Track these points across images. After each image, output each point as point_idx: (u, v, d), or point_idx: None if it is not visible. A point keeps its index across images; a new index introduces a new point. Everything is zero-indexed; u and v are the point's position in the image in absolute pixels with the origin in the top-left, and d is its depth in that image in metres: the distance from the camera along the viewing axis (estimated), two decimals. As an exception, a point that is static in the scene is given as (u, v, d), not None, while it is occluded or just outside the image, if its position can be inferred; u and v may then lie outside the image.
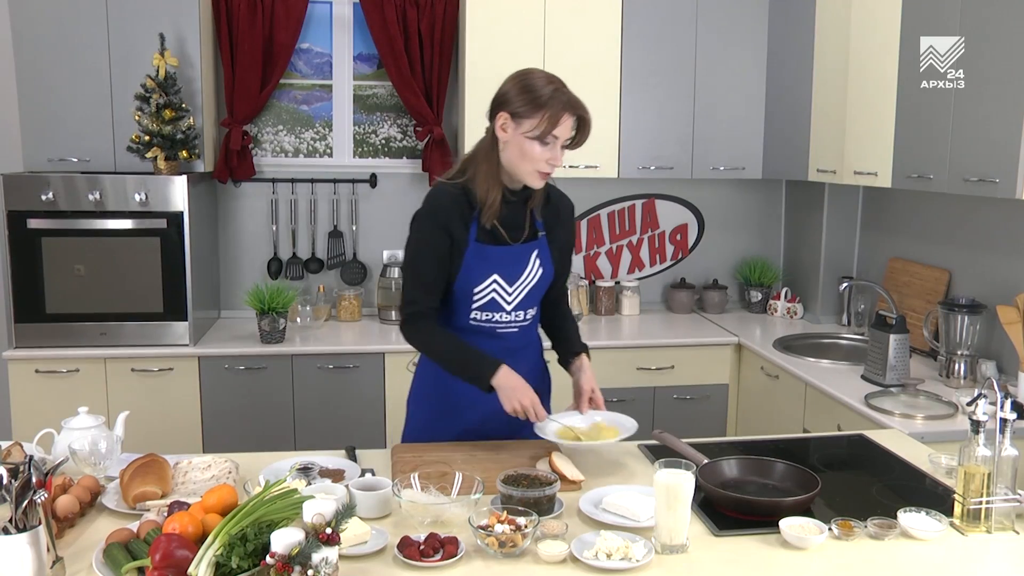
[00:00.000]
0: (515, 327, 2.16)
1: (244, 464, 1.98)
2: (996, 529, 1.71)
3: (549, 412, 2.21)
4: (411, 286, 2.11)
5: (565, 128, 2.00)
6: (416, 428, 2.26)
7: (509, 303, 2.12)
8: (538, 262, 2.14)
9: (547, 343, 2.35)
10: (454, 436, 2.18)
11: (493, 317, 2.12)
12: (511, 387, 2.02)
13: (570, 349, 2.28)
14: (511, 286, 2.11)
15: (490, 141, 2.06)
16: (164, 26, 3.44)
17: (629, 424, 2.10)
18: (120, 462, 1.94)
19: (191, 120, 3.48)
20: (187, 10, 3.48)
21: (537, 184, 2.06)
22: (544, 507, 1.73)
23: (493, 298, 2.10)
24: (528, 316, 2.18)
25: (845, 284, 3.73)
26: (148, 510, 1.69)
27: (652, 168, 3.91)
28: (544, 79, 2.03)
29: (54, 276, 3.36)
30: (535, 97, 1.98)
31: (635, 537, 1.60)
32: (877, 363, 2.98)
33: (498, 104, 2.04)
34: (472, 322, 2.13)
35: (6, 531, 1.39)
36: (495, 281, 2.09)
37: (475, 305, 2.10)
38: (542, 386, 2.31)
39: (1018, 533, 1.71)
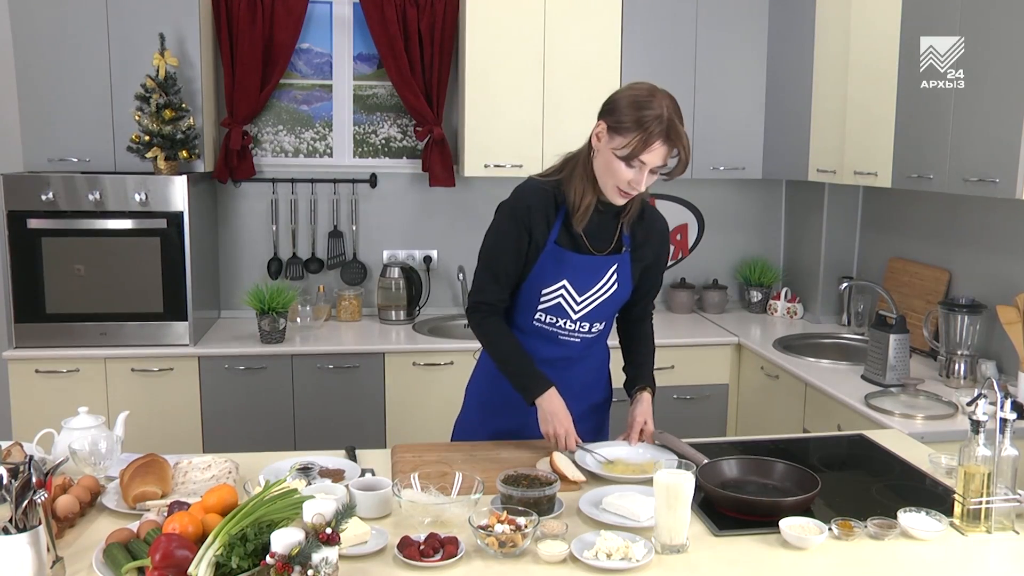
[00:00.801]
0: (577, 337, 2.13)
1: (244, 464, 1.98)
2: (996, 529, 1.70)
3: (607, 433, 2.27)
4: (483, 276, 2.10)
5: (656, 156, 1.90)
6: (469, 418, 2.28)
7: (576, 311, 2.09)
8: (615, 277, 2.10)
9: (620, 362, 2.31)
10: (506, 430, 2.19)
11: (557, 322, 2.11)
12: (551, 411, 2.03)
13: (636, 382, 2.25)
14: (580, 295, 2.08)
15: (588, 145, 2.02)
16: (164, 26, 3.44)
17: (669, 460, 2.00)
18: (120, 462, 1.94)
19: (191, 120, 3.48)
20: (187, 10, 3.48)
21: (616, 200, 2.00)
22: (544, 507, 1.73)
23: (559, 303, 2.08)
24: (594, 329, 2.14)
25: (845, 284, 3.73)
26: (148, 510, 1.69)
27: (652, 168, 3.91)
28: (655, 100, 1.90)
29: (54, 276, 3.36)
30: (636, 117, 1.88)
31: (635, 537, 1.60)
32: (877, 363, 2.98)
33: (603, 110, 1.97)
34: (535, 323, 2.11)
35: (6, 531, 1.39)
36: (564, 287, 2.07)
37: (541, 307, 2.09)
38: (600, 399, 2.30)
39: (1018, 533, 1.71)
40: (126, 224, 3.38)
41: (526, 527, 1.59)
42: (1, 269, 3.38)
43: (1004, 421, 1.68)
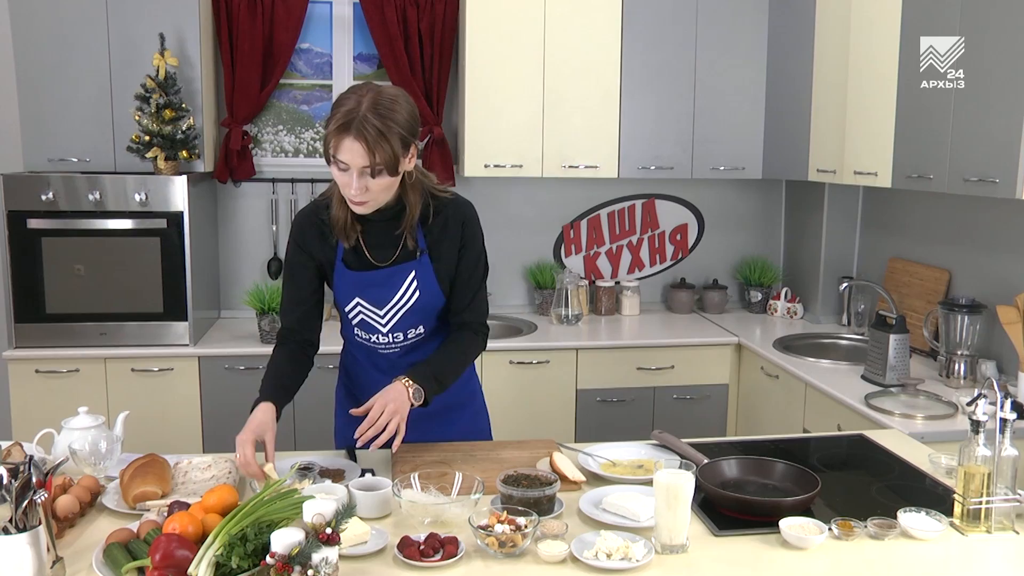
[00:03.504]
0: (396, 347, 2.08)
1: (244, 464, 1.98)
2: (996, 529, 1.70)
3: (488, 429, 2.23)
4: (282, 302, 2.13)
5: (349, 153, 1.75)
6: (338, 431, 2.30)
7: (383, 324, 2.04)
8: (415, 284, 1.99)
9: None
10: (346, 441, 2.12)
11: (371, 338, 2.08)
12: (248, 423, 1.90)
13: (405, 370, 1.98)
14: (381, 309, 2.02)
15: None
16: (164, 26, 3.44)
17: (669, 460, 1.97)
18: (120, 462, 1.94)
19: (191, 120, 3.48)
20: (187, 10, 3.48)
21: (358, 211, 1.87)
22: (544, 507, 1.73)
23: (363, 319, 2.04)
24: (411, 336, 2.05)
25: (845, 284, 3.73)
26: (148, 510, 1.69)
27: (652, 168, 3.91)
28: (352, 95, 1.77)
29: (54, 276, 3.36)
30: (331, 115, 1.76)
31: (635, 537, 1.60)
32: (877, 363, 2.98)
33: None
34: (357, 338, 2.13)
35: (6, 531, 1.39)
36: (359, 304, 2.02)
37: (353, 323, 2.08)
38: (456, 400, 2.16)
39: (1018, 533, 1.71)
40: (126, 224, 3.38)
41: (526, 527, 1.59)
42: (1, 269, 3.38)
43: (1004, 421, 1.68)
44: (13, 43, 3.42)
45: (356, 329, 2.10)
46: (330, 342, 3.72)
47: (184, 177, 3.40)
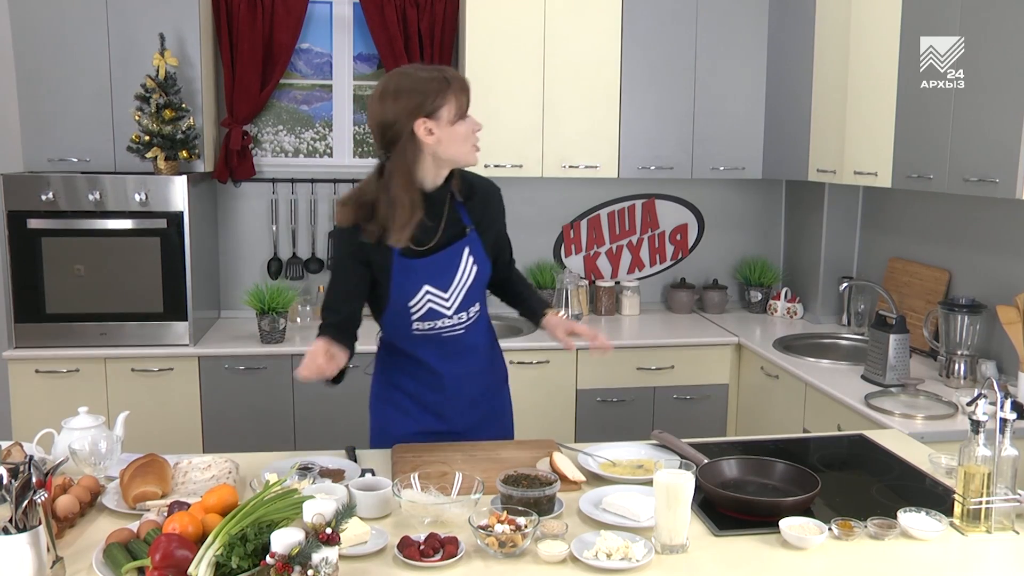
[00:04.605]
0: (461, 328, 2.13)
1: (244, 464, 1.98)
2: (996, 529, 1.70)
3: (509, 403, 2.32)
4: (329, 290, 2.13)
5: (470, 104, 2.01)
6: (378, 430, 2.28)
7: (449, 308, 2.08)
8: (472, 259, 2.09)
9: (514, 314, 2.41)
10: (412, 435, 2.18)
11: (435, 324, 2.10)
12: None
13: (537, 310, 2.31)
14: (446, 291, 2.07)
15: (406, 156, 1.94)
16: (164, 26, 3.44)
17: (669, 460, 2.00)
18: (120, 462, 1.94)
19: (191, 120, 3.48)
20: (187, 10, 3.48)
21: (474, 160, 2.02)
22: (544, 507, 1.73)
23: (431, 307, 2.07)
24: (472, 313, 2.14)
25: (845, 284, 3.73)
26: (148, 510, 1.69)
27: (652, 168, 3.91)
28: (423, 70, 1.96)
29: (54, 276, 3.36)
30: (437, 86, 1.92)
31: (635, 537, 1.60)
32: (877, 363, 2.98)
33: (407, 111, 1.91)
34: (416, 332, 2.11)
35: (6, 531, 1.39)
36: (428, 291, 2.05)
37: (414, 317, 2.08)
38: (493, 378, 2.30)
39: (1018, 533, 1.71)
40: (126, 224, 3.38)
41: (526, 527, 1.59)
42: (1, 269, 3.38)
43: (1004, 421, 1.68)
44: (13, 43, 3.43)
45: (417, 323, 2.09)
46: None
47: (184, 177, 3.40)
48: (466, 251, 2.08)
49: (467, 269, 2.08)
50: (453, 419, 2.20)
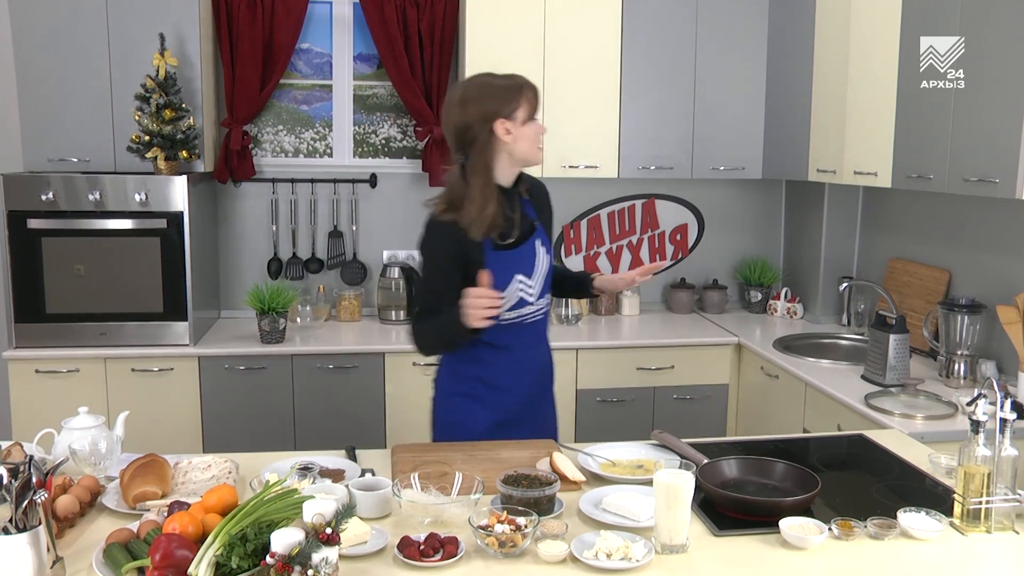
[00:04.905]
0: (540, 314, 2.27)
1: (244, 464, 1.98)
2: (996, 529, 1.71)
3: (552, 399, 2.43)
4: (424, 291, 2.23)
5: (539, 108, 2.20)
6: (450, 424, 2.29)
7: (533, 295, 2.22)
8: (544, 249, 2.25)
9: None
10: (483, 430, 2.22)
11: (522, 311, 2.20)
12: (465, 307, 2.03)
13: (583, 281, 2.46)
14: (531, 279, 2.21)
15: (486, 154, 2.11)
16: (164, 26, 3.44)
17: (669, 460, 2.01)
18: (120, 462, 1.94)
19: (191, 120, 3.48)
20: (187, 10, 3.48)
21: (539, 159, 2.20)
22: (544, 507, 1.73)
23: (521, 296, 2.19)
24: (546, 301, 2.30)
25: (845, 284, 3.73)
26: (148, 510, 1.69)
27: (652, 168, 3.91)
28: (497, 77, 2.18)
29: (54, 276, 3.36)
30: (512, 93, 2.13)
31: (635, 537, 1.60)
32: (877, 363, 2.98)
33: (485, 115, 2.09)
34: (503, 321, 2.15)
35: (6, 531, 1.39)
36: (520, 280, 2.18)
37: (505, 307, 2.14)
38: (550, 373, 2.45)
39: (1018, 533, 1.71)
40: (126, 224, 3.38)
41: (526, 527, 1.59)
42: (1, 269, 3.38)
43: (1004, 421, 1.68)
44: (13, 43, 3.43)
45: (506, 312, 2.16)
46: (344, 342, 3.73)
47: (184, 177, 3.40)
48: (538, 242, 2.24)
49: (541, 259, 2.24)
50: (519, 393, 2.28)
